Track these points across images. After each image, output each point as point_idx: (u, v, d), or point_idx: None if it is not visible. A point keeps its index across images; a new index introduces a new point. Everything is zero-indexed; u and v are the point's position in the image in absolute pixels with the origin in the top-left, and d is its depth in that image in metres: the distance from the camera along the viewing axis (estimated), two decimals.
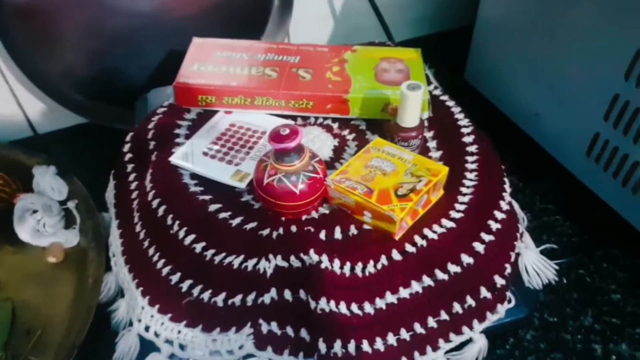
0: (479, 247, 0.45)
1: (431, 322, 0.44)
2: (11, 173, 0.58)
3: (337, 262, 0.43)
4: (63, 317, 0.48)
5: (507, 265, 0.47)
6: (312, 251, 0.43)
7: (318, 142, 0.54)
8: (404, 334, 0.43)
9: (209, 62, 0.58)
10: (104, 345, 0.47)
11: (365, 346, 0.41)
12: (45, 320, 0.48)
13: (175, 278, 0.45)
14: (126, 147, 0.56)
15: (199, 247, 0.45)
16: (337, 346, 0.41)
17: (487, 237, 0.46)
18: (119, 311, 0.47)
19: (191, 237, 0.45)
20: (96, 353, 0.47)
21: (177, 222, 0.46)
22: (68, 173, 0.58)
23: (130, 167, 0.54)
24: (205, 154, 0.52)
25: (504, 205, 0.49)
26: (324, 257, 0.43)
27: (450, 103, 0.59)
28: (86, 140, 0.72)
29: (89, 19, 0.64)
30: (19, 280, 0.52)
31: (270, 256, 0.43)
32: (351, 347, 0.41)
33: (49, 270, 0.52)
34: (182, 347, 0.44)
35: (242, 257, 0.44)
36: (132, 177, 0.53)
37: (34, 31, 0.63)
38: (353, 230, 0.45)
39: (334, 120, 0.57)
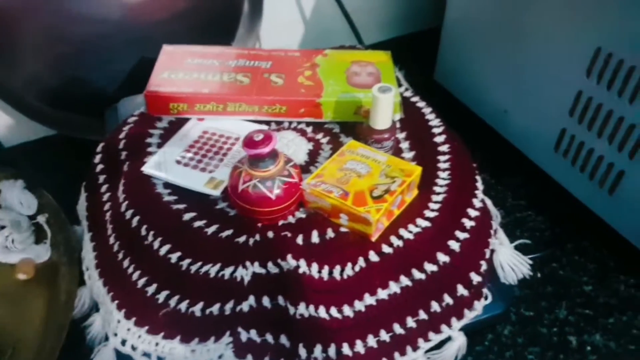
0: (454, 245, 0.46)
1: (410, 322, 0.44)
2: None
3: (315, 267, 0.43)
4: (35, 335, 0.46)
5: (483, 262, 0.48)
6: (289, 256, 0.43)
7: (292, 146, 0.54)
8: (384, 335, 0.43)
9: (180, 69, 0.57)
10: None
11: (346, 349, 0.42)
12: (17, 340, 0.47)
13: (151, 289, 0.44)
14: (97, 158, 0.54)
15: (174, 257, 0.44)
16: (318, 351, 0.41)
17: (461, 235, 0.47)
18: (94, 326, 0.46)
19: (166, 247, 0.44)
20: None
21: (152, 232, 0.45)
22: (37, 187, 0.57)
23: (102, 178, 0.53)
24: (178, 162, 0.51)
25: (477, 203, 0.50)
26: (302, 262, 0.42)
27: (421, 104, 0.60)
28: (55, 153, 0.71)
29: (54, 26, 0.62)
30: None
31: (247, 263, 0.43)
32: (332, 351, 0.41)
33: (19, 288, 0.51)
34: (160, 359, 0.43)
35: (218, 265, 0.43)
36: (104, 188, 0.52)
37: None
38: (330, 233, 0.46)
39: (308, 124, 0.57)
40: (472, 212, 0.49)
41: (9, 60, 0.63)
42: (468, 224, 0.48)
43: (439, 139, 0.55)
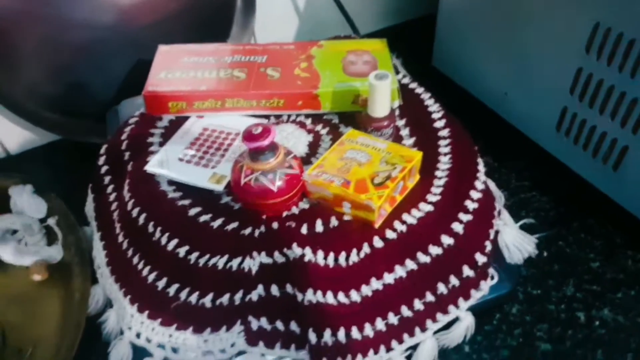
0: (457, 227, 0.46)
1: (417, 304, 0.45)
2: None
3: (320, 254, 0.43)
4: (53, 333, 0.48)
5: (487, 243, 0.48)
6: (294, 245, 0.43)
7: (292, 139, 0.55)
8: (392, 318, 0.44)
9: (177, 68, 0.58)
10: (97, 357, 0.47)
11: (355, 333, 0.42)
12: (35, 339, 0.48)
13: (161, 284, 0.45)
14: (101, 160, 0.55)
15: (182, 251, 0.45)
16: (327, 335, 0.41)
17: (465, 217, 0.47)
18: (108, 322, 0.47)
19: (174, 242, 0.45)
20: None
21: (159, 228, 0.46)
22: (45, 190, 0.58)
23: (107, 179, 0.54)
24: (180, 159, 0.52)
25: (479, 185, 0.50)
26: (307, 250, 0.43)
27: (420, 90, 0.60)
28: (60, 157, 0.72)
29: (48, 34, 0.63)
30: (5, 301, 0.51)
31: (254, 254, 0.44)
32: (341, 335, 0.42)
33: (34, 289, 0.52)
34: (174, 350, 0.44)
35: (226, 257, 0.44)
36: (110, 188, 0.53)
37: None
38: (334, 222, 0.46)
39: (307, 116, 0.58)
40: (475, 194, 0.49)
41: (9, 69, 0.64)
42: (471, 206, 0.48)
43: (439, 123, 0.56)
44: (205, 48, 0.61)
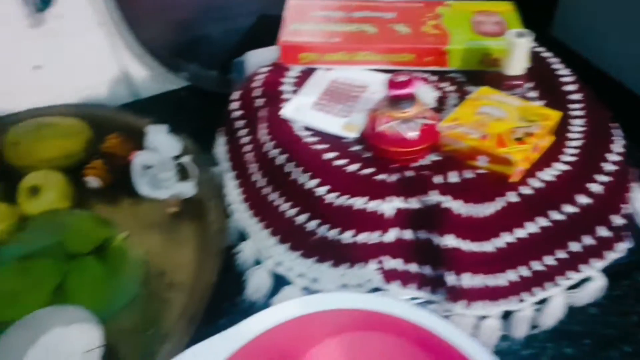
0: (595, 187, 0.46)
1: (550, 260, 0.45)
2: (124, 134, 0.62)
3: (457, 203, 0.44)
4: (192, 260, 0.51)
5: (624, 206, 0.47)
6: (433, 192, 0.44)
7: (420, 94, 0.55)
8: (524, 271, 0.44)
9: (307, 21, 0.60)
10: (230, 285, 0.50)
11: (490, 280, 0.43)
12: (176, 264, 0.52)
13: (300, 219, 0.47)
14: (235, 105, 0.58)
15: (321, 190, 0.46)
16: (465, 278, 0.43)
17: (602, 179, 0.47)
18: (243, 253, 0.50)
19: (313, 182, 0.47)
20: (223, 292, 0.50)
21: (299, 169, 0.48)
22: (176, 131, 0.62)
23: (240, 123, 0.57)
24: (313, 107, 0.54)
25: (617, 148, 0.49)
26: (445, 198, 0.44)
27: (547, 54, 0.59)
28: (184, 104, 0.76)
29: None
30: (144, 230, 0.56)
31: (390, 198, 0.45)
32: (477, 280, 0.43)
33: (170, 220, 0.56)
34: (314, 280, 0.47)
35: (364, 199, 0.46)
36: (243, 132, 0.56)
37: None
38: (468, 174, 0.46)
39: (433, 73, 0.58)
40: (612, 157, 0.48)
41: (140, 23, 0.69)
42: (608, 168, 0.47)
43: (569, 87, 0.54)
44: (333, 3, 0.62)
